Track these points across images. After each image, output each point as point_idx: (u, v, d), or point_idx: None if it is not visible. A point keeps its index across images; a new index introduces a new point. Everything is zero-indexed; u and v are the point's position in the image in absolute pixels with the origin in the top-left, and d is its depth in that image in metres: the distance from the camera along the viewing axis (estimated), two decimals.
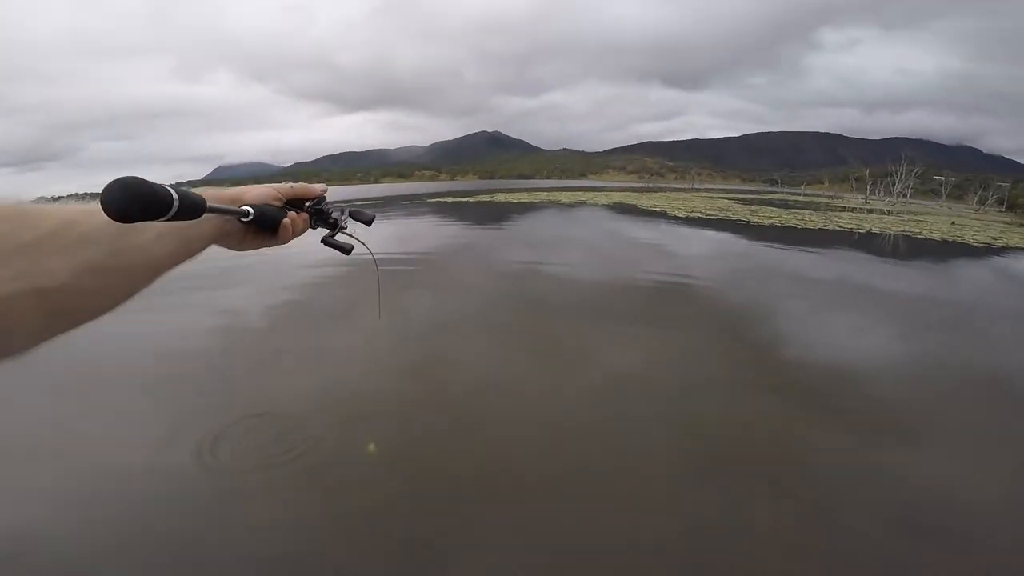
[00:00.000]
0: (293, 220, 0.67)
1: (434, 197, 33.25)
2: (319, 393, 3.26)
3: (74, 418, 2.95)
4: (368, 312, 4.86)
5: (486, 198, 29.51)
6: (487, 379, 3.61)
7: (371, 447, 2.62)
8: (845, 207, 35.01)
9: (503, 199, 27.90)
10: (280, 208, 0.66)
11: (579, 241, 10.98)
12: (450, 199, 29.50)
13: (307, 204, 0.71)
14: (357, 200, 34.54)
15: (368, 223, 0.78)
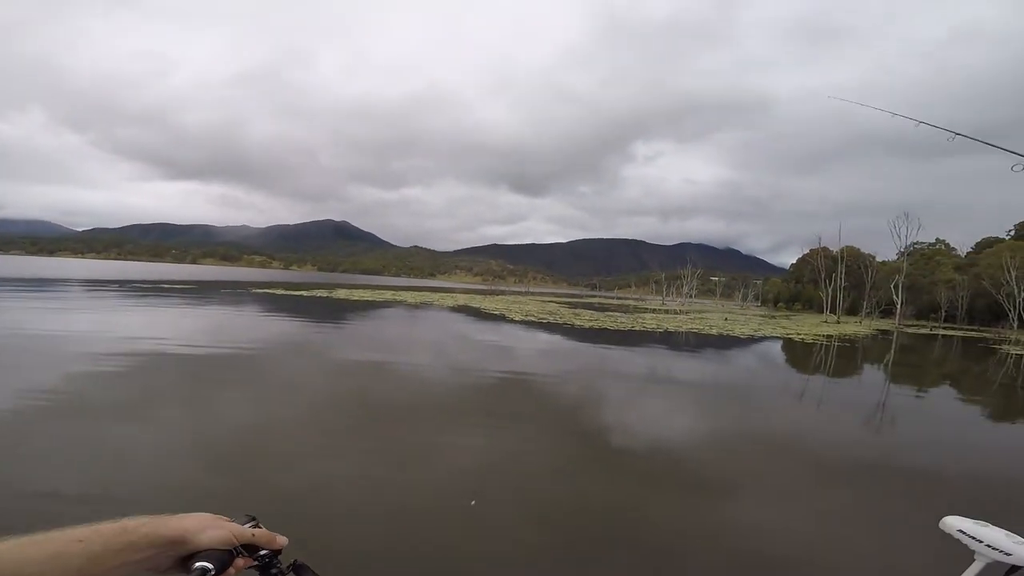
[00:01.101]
0: (237, 568, 0.59)
1: (262, 287, 30.12)
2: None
3: None
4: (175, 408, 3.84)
5: (323, 293, 27.80)
6: (323, 473, 3.37)
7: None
8: (648, 308, 42.04)
9: (343, 296, 26.60)
10: (228, 552, 0.58)
11: (424, 342, 10.82)
12: (280, 291, 27.00)
13: (261, 553, 0.62)
14: (164, 281, 29.27)
15: None
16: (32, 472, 3.08)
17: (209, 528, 0.56)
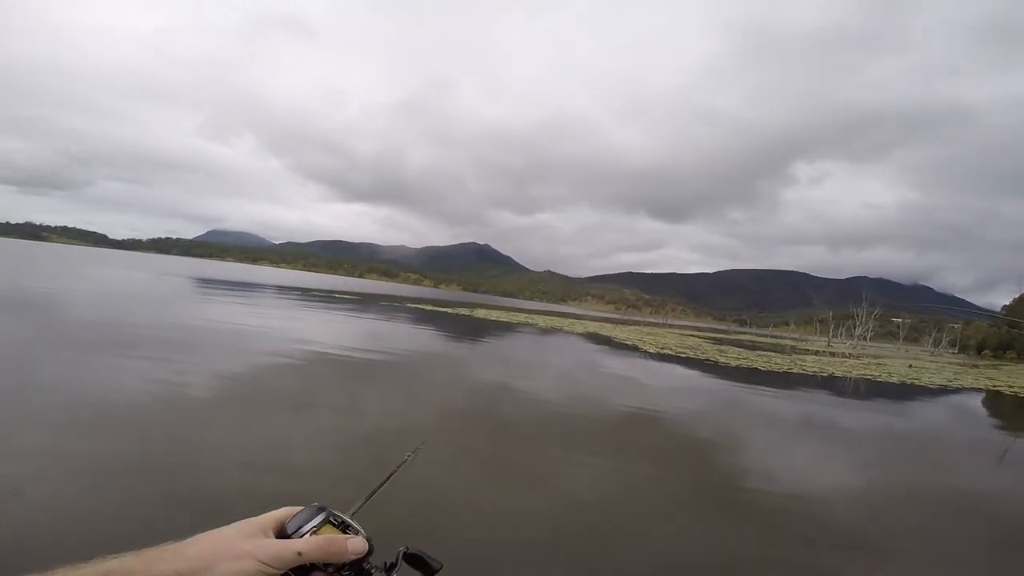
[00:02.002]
0: None
1: (414, 303, 33.59)
2: None
3: None
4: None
5: (465, 312, 29.90)
6: (438, 482, 3.45)
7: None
8: (809, 350, 36.38)
9: (482, 315, 28.28)
10: None
11: (549, 367, 10.91)
12: (429, 307, 29.78)
13: (343, 571, 0.50)
14: (336, 292, 34.56)
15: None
16: (227, 448, 3.83)
17: (226, 559, 0.42)
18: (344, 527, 0.52)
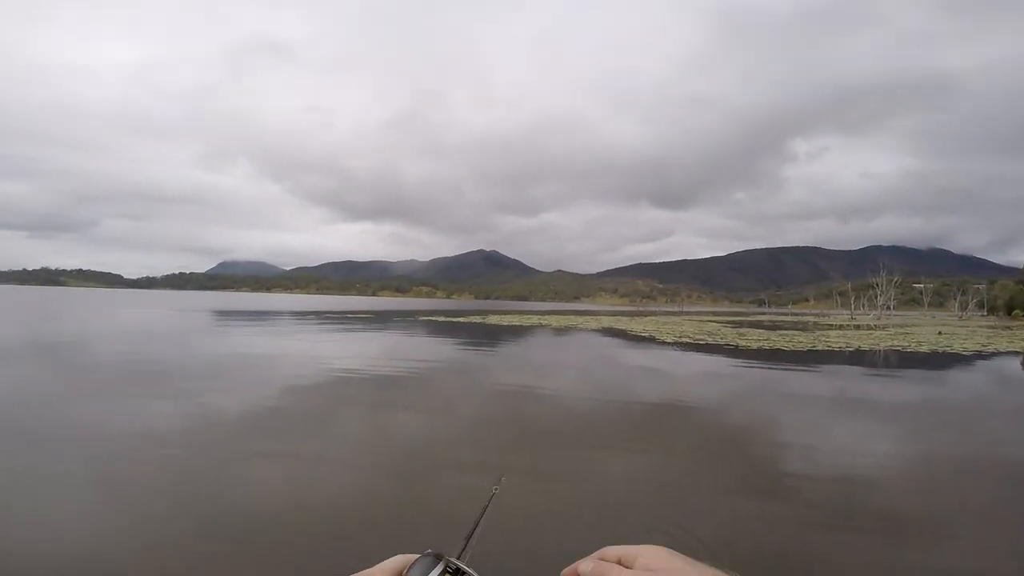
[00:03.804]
0: None
1: (426, 315, 33.67)
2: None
3: None
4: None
5: (478, 319, 29.85)
6: (467, 487, 3.33)
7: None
8: (832, 324, 35.58)
9: (495, 321, 28.19)
10: None
11: (567, 365, 10.75)
12: (441, 318, 29.81)
13: None
14: (349, 312, 34.78)
15: None
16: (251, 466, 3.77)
17: None
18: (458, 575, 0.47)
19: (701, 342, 16.58)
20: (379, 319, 27.87)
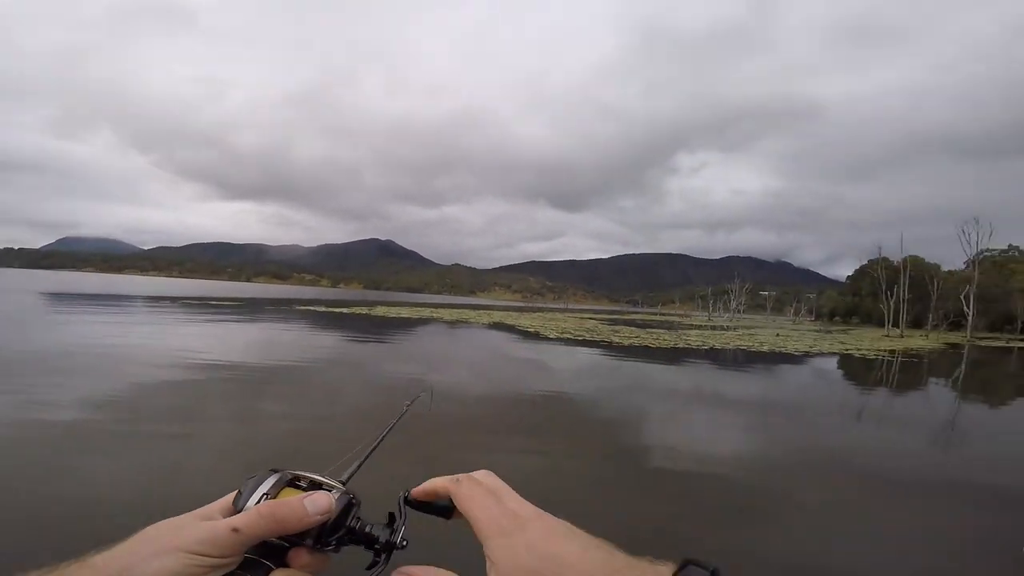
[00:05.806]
0: (302, 564, 0.37)
1: (305, 305, 31.20)
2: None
3: None
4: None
5: (363, 310, 28.42)
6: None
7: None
8: (693, 324, 40.33)
9: (382, 313, 27.06)
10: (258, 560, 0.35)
11: (455, 359, 10.67)
12: (322, 308, 27.84)
13: (333, 537, 0.38)
14: (212, 299, 30.81)
15: (446, 514, 0.45)
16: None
17: (145, 559, 0.30)
18: (316, 488, 0.40)
19: (579, 338, 17.59)
20: (248, 307, 25.15)
